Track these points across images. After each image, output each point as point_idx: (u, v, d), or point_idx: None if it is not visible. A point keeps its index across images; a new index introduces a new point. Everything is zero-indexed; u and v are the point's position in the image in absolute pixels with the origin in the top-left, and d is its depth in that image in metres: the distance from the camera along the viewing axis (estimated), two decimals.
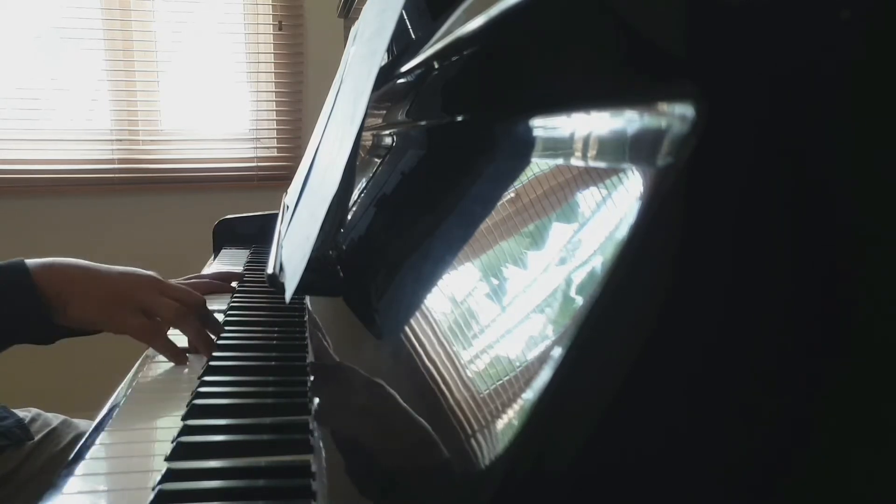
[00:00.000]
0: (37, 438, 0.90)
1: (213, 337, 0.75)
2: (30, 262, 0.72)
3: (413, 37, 0.79)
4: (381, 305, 0.48)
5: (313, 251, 0.55)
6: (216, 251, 1.42)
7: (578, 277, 0.23)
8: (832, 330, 0.18)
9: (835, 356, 0.18)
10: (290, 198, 1.00)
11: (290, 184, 1.17)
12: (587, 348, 0.21)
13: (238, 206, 1.70)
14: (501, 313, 0.29)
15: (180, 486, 0.45)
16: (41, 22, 2.11)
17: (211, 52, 2.23)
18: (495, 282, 0.31)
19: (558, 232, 0.27)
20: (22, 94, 2.10)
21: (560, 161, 0.30)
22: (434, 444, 0.30)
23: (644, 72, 0.25)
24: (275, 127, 2.29)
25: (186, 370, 0.72)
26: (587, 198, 0.26)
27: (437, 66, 0.54)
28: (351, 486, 0.40)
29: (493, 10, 0.36)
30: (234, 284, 1.04)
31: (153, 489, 0.45)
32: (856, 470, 0.17)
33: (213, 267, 1.26)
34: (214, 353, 0.71)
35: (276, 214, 1.11)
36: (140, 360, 0.75)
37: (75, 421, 0.96)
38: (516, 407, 0.23)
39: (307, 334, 0.76)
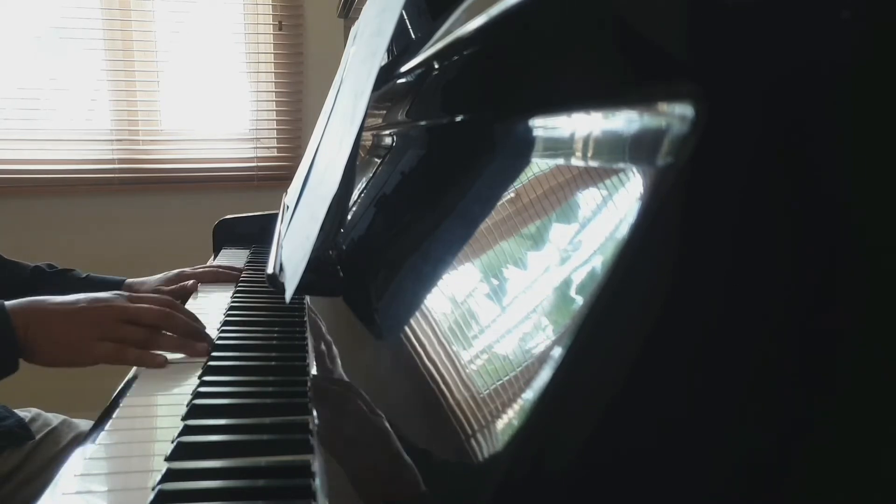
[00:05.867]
0: (37, 438, 0.90)
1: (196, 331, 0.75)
2: (9, 304, 0.73)
3: (413, 37, 0.79)
4: (381, 305, 0.48)
5: (313, 251, 0.55)
6: (216, 251, 1.42)
7: (579, 277, 0.23)
8: (832, 328, 0.18)
9: (835, 355, 0.18)
10: (290, 198, 1.00)
11: (290, 184, 1.17)
12: (588, 348, 0.21)
13: (238, 206, 1.70)
14: (501, 313, 0.29)
15: (180, 486, 0.45)
16: (41, 22, 2.11)
17: (211, 53, 2.22)
18: (495, 282, 0.31)
19: (558, 232, 0.27)
20: (22, 94, 2.10)
21: (560, 161, 0.30)
22: (434, 443, 0.30)
23: (644, 72, 0.25)
24: (275, 127, 2.28)
25: (187, 370, 0.72)
26: (587, 198, 0.26)
27: (437, 66, 0.54)
28: (351, 486, 0.40)
29: (494, 10, 0.36)
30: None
31: (153, 489, 0.45)
32: (856, 470, 0.17)
33: None
34: (214, 354, 0.71)
35: (276, 214, 1.11)
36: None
37: (75, 421, 0.96)
38: (516, 407, 0.23)
39: (307, 334, 0.76)
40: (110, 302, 0.74)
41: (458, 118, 0.51)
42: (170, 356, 0.73)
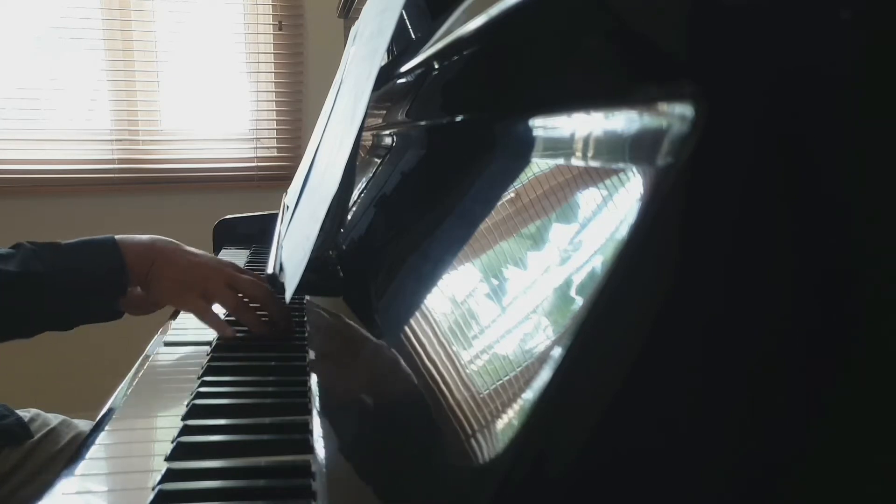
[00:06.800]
0: (36, 437, 0.90)
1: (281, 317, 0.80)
2: (121, 239, 0.81)
3: (413, 37, 0.79)
4: (381, 305, 0.48)
5: (313, 251, 0.55)
6: (216, 251, 1.42)
7: (579, 277, 0.23)
8: (833, 329, 0.18)
9: (836, 355, 0.18)
10: (290, 198, 1.00)
11: (290, 184, 1.17)
12: (588, 348, 0.21)
13: (238, 206, 1.70)
14: (502, 313, 0.29)
15: (180, 486, 0.45)
16: (41, 22, 2.11)
17: (211, 52, 2.22)
18: (495, 282, 0.31)
19: (558, 232, 0.27)
20: (22, 94, 2.10)
21: (560, 161, 0.30)
22: (434, 443, 0.30)
23: (644, 72, 0.25)
24: (275, 127, 2.28)
25: (187, 370, 0.72)
26: (587, 198, 0.26)
27: (437, 65, 0.54)
28: (351, 486, 0.40)
29: (494, 10, 0.36)
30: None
31: (153, 489, 0.45)
32: (856, 470, 0.17)
33: None
34: (214, 354, 0.71)
35: (276, 214, 1.11)
36: (140, 359, 0.75)
37: (75, 421, 0.96)
38: (516, 407, 0.23)
39: (307, 334, 0.76)
40: (223, 266, 0.83)
41: (458, 118, 0.51)
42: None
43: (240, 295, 0.79)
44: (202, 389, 0.61)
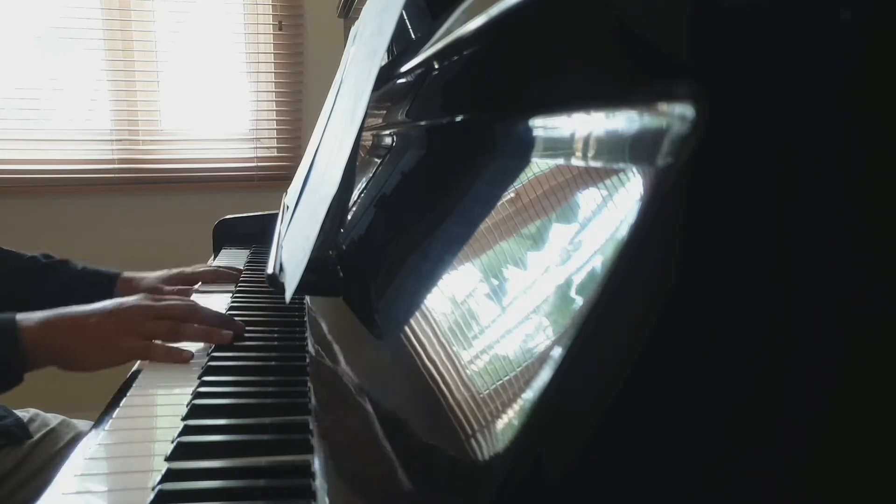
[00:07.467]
0: (35, 438, 0.90)
1: (220, 326, 0.78)
2: (44, 316, 0.75)
3: (413, 37, 0.79)
4: (381, 305, 0.48)
5: (313, 251, 0.55)
6: (216, 251, 1.42)
7: (579, 277, 0.23)
8: (832, 329, 0.18)
9: (835, 355, 0.18)
10: (290, 198, 1.00)
11: (290, 184, 1.17)
12: (588, 348, 0.21)
13: (238, 206, 1.70)
14: (501, 313, 0.29)
15: (180, 486, 0.45)
16: (41, 22, 2.11)
17: (211, 53, 2.22)
18: (495, 282, 0.31)
19: (558, 232, 0.27)
20: (22, 94, 2.10)
21: (560, 161, 0.30)
22: (434, 443, 0.30)
23: (644, 72, 0.25)
24: (275, 127, 2.28)
25: (187, 369, 0.72)
26: (587, 198, 0.26)
27: (437, 65, 0.54)
28: (351, 486, 0.40)
29: (494, 10, 0.36)
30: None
31: (153, 489, 0.45)
32: (856, 469, 0.17)
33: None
34: (214, 354, 0.71)
35: (276, 214, 1.11)
36: (140, 360, 0.75)
37: (74, 421, 0.96)
38: (516, 407, 0.23)
39: (307, 334, 0.76)
40: (138, 302, 0.79)
41: (458, 118, 0.51)
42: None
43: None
44: (202, 389, 0.61)
